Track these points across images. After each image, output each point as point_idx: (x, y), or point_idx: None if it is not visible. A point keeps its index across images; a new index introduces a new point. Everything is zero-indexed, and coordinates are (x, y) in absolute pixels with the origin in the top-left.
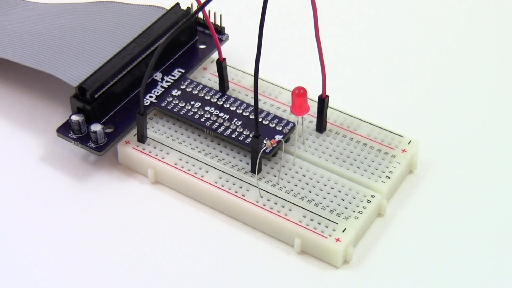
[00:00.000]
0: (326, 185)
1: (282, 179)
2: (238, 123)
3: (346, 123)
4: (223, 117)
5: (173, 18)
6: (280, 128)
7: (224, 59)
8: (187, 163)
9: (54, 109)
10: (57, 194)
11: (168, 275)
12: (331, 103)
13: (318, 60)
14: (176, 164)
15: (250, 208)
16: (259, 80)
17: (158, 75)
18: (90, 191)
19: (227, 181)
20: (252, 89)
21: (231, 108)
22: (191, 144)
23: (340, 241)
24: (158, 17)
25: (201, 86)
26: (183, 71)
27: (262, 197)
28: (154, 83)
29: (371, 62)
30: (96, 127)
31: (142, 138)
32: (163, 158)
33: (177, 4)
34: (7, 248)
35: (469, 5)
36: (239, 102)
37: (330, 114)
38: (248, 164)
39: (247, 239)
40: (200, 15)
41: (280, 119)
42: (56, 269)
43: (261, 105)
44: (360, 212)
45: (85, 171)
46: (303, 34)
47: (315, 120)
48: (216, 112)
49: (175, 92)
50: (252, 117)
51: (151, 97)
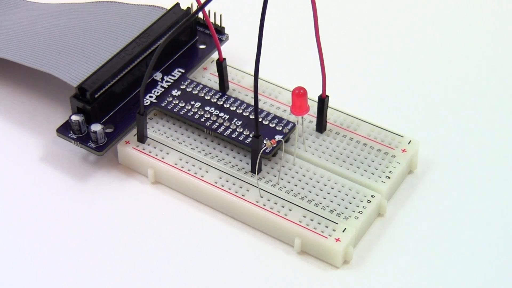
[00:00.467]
0: (326, 185)
1: (282, 179)
2: (238, 123)
3: (346, 123)
4: (223, 117)
5: (173, 18)
6: (280, 128)
7: (224, 59)
8: (187, 163)
9: (54, 109)
10: (57, 194)
11: (168, 275)
12: (331, 103)
13: (318, 60)
14: (176, 164)
15: (250, 208)
16: (259, 80)
17: (158, 75)
18: (90, 191)
19: (227, 181)
20: (252, 89)
21: (231, 108)
22: (191, 144)
23: (340, 241)
24: (158, 17)
25: (201, 86)
26: (183, 71)
27: (262, 197)
28: (154, 83)
29: (371, 62)
30: (96, 127)
31: (142, 138)
32: (163, 158)
33: (177, 4)
34: (7, 249)
35: (469, 5)
36: (239, 102)
37: (330, 114)
38: (248, 164)
39: (247, 239)
40: (200, 15)
41: (280, 119)
42: (56, 269)
43: (261, 105)
44: (360, 212)
45: (85, 171)
46: (303, 34)
47: (315, 120)
48: (216, 112)
49: (175, 92)
50: (252, 117)
51: (151, 97)
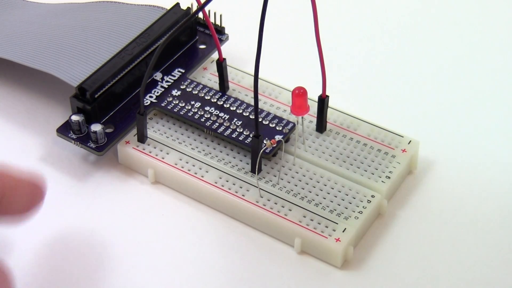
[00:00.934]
0: (326, 185)
1: (282, 179)
2: (238, 123)
3: (346, 123)
4: (223, 117)
5: (173, 18)
6: (280, 128)
7: (224, 59)
8: (187, 163)
9: (54, 109)
10: (57, 194)
11: (168, 275)
12: (331, 103)
13: (318, 60)
14: (176, 164)
15: (250, 208)
16: (259, 80)
17: (158, 75)
18: (90, 191)
19: (227, 181)
20: (252, 89)
21: (231, 108)
22: (191, 144)
23: (340, 241)
24: (158, 17)
25: (201, 86)
26: (183, 71)
27: (262, 197)
28: (154, 83)
29: (371, 62)
30: (96, 127)
31: (142, 138)
32: (163, 158)
33: (177, 4)
34: (7, 249)
35: (469, 5)
36: (239, 102)
37: (330, 114)
38: (248, 164)
39: (247, 239)
40: (200, 15)
41: (280, 119)
42: (55, 270)
43: (261, 105)
44: (360, 212)
45: (85, 171)
46: (303, 34)
47: (315, 120)
48: (216, 112)
49: (175, 92)
50: (252, 117)
51: (151, 97)
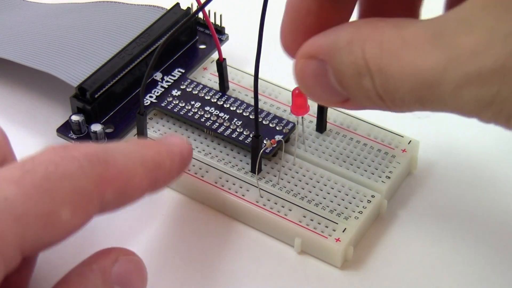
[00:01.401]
0: (326, 185)
1: (282, 179)
2: (238, 123)
3: (346, 123)
4: (223, 117)
5: (173, 18)
6: (280, 128)
7: (224, 59)
8: None
9: (54, 109)
10: None
11: (168, 275)
12: None
13: None
14: None
15: (250, 208)
16: (259, 80)
17: (158, 75)
18: None
19: (227, 181)
20: (252, 89)
21: (231, 108)
22: (191, 144)
23: (340, 241)
24: (158, 17)
25: (201, 86)
26: (183, 71)
27: (262, 197)
28: (154, 83)
29: None
30: (96, 127)
31: (142, 138)
32: None
33: (177, 4)
34: None
35: None
36: (239, 102)
37: (330, 114)
38: (248, 164)
39: (247, 239)
40: (200, 15)
41: (280, 119)
42: (55, 270)
43: (261, 105)
44: (360, 212)
45: None
46: None
47: (315, 120)
48: (216, 112)
49: (175, 92)
50: (252, 117)
51: (151, 97)
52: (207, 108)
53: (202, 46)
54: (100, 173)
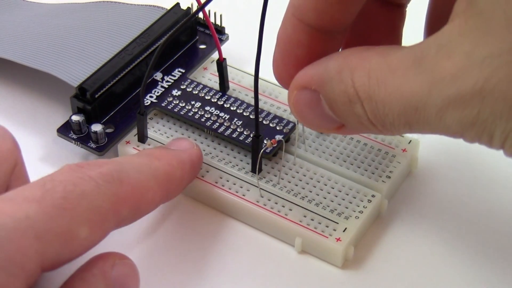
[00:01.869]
0: (326, 185)
1: (283, 179)
2: (238, 123)
3: None
4: (223, 117)
5: (173, 18)
6: (281, 128)
7: (224, 59)
8: None
9: (54, 109)
10: None
11: (168, 275)
12: None
13: None
14: None
15: (250, 208)
16: (259, 80)
17: (158, 75)
18: None
19: (228, 181)
20: (252, 89)
21: (231, 108)
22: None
23: (340, 240)
24: (158, 17)
25: (201, 86)
26: (183, 71)
27: (262, 197)
28: (154, 83)
29: None
30: (97, 127)
31: (142, 138)
32: None
33: (177, 4)
34: None
35: None
36: (239, 102)
37: None
38: (248, 164)
39: (247, 239)
40: (200, 15)
41: (281, 119)
42: (55, 271)
43: (261, 105)
44: (361, 212)
45: None
46: None
47: None
48: (217, 112)
49: (176, 92)
50: (252, 117)
51: (151, 97)
52: (207, 108)
53: (202, 46)
54: (115, 192)
